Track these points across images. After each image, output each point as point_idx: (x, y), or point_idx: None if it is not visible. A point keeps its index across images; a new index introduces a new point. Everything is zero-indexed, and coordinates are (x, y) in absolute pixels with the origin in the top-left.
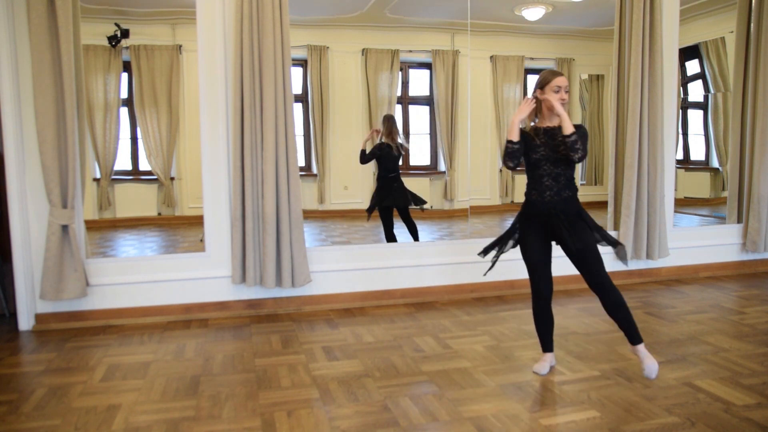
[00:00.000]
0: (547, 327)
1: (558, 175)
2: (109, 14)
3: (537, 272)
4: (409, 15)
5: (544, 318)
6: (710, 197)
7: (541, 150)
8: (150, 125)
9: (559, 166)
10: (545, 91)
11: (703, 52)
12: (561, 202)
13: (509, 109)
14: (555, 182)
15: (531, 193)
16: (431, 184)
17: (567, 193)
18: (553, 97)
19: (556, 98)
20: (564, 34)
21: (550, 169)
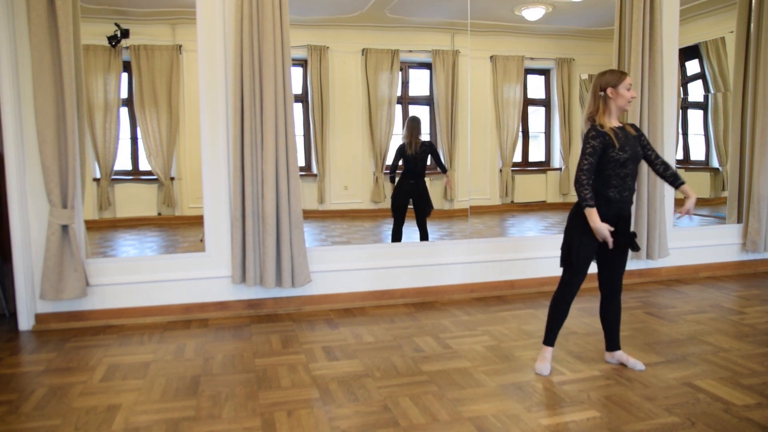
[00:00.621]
0: (562, 321)
1: (635, 175)
2: (109, 14)
3: (584, 271)
4: (409, 15)
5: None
6: (710, 197)
7: (629, 150)
8: (150, 125)
9: (637, 166)
10: (618, 90)
11: (703, 52)
12: (630, 202)
13: (509, 109)
14: (633, 182)
15: (609, 191)
16: (431, 184)
17: (632, 195)
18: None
19: (629, 96)
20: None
21: (633, 168)
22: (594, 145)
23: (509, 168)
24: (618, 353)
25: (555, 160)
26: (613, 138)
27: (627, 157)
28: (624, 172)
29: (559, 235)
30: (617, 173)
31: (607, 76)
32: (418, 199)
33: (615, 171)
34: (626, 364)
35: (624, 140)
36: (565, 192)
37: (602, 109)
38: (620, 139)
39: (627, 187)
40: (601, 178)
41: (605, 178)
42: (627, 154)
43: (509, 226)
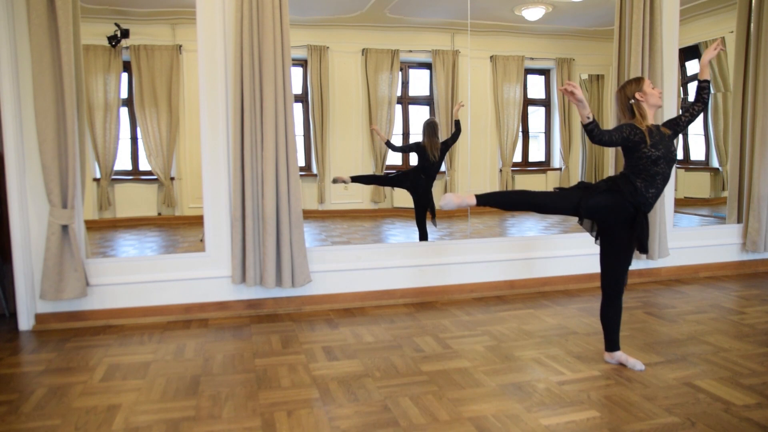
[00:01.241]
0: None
1: (666, 177)
2: (109, 14)
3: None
4: (409, 15)
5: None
6: (710, 197)
7: (662, 149)
8: (150, 125)
9: (670, 167)
10: (645, 90)
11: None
12: (653, 202)
13: (509, 109)
14: (663, 183)
15: (637, 181)
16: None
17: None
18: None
19: (657, 92)
20: (564, 34)
21: (664, 169)
22: (627, 130)
23: (509, 168)
24: (617, 354)
25: (555, 160)
26: (646, 134)
27: (659, 155)
28: (654, 170)
29: (559, 235)
30: (647, 170)
31: (627, 86)
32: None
33: (646, 167)
34: (626, 364)
35: (658, 139)
36: None
37: (637, 116)
38: (654, 137)
39: (654, 185)
40: (635, 169)
41: (638, 169)
42: (659, 152)
43: (509, 226)
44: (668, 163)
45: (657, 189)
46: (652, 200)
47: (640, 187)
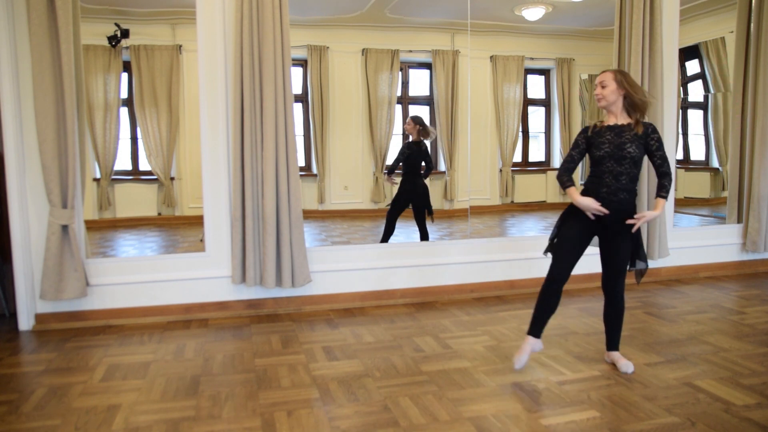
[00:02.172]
0: (547, 311)
1: (620, 174)
2: (109, 14)
3: (563, 252)
4: (409, 15)
5: (552, 300)
6: (710, 197)
7: (606, 147)
8: (150, 125)
9: (623, 165)
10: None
11: (703, 52)
12: (616, 202)
13: (509, 109)
14: (615, 181)
15: (589, 185)
16: (431, 184)
17: (623, 195)
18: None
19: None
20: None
21: (612, 166)
22: (576, 138)
23: (509, 168)
24: (612, 354)
25: (555, 160)
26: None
27: (602, 155)
28: (599, 170)
29: None
30: (595, 170)
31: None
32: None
33: (593, 167)
34: (616, 364)
35: (610, 137)
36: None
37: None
38: (601, 136)
39: (604, 184)
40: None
41: (590, 171)
42: (602, 151)
43: (509, 226)
44: (618, 161)
45: (610, 188)
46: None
47: (591, 190)
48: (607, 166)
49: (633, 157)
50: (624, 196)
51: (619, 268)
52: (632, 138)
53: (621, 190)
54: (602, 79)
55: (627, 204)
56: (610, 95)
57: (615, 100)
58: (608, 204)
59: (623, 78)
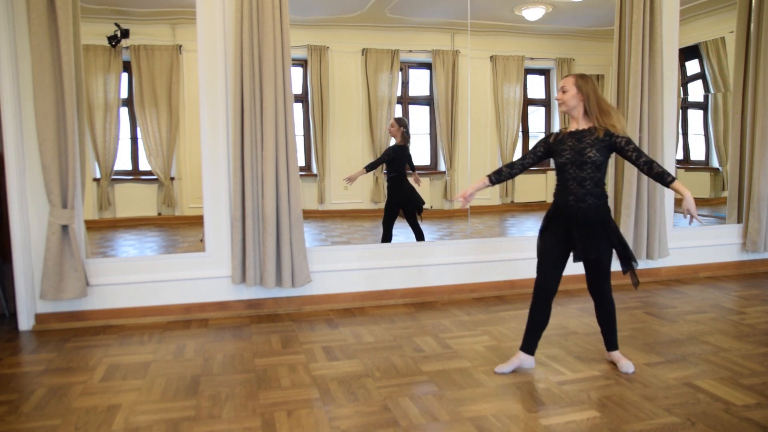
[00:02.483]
0: (538, 327)
1: (583, 180)
2: (109, 14)
3: (546, 267)
4: (409, 15)
5: (540, 317)
6: (710, 197)
7: (567, 154)
8: (150, 125)
9: (585, 170)
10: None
11: (703, 52)
12: (584, 208)
13: (509, 109)
14: (580, 187)
15: (557, 195)
16: (431, 184)
17: (591, 200)
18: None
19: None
20: (564, 34)
21: (575, 173)
22: (536, 144)
23: None
24: (612, 354)
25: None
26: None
27: (563, 162)
28: (564, 177)
29: None
30: (559, 177)
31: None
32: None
33: (557, 174)
34: (617, 364)
35: (571, 144)
36: None
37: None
38: (563, 143)
39: (570, 192)
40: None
41: (556, 179)
42: (563, 158)
43: (509, 226)
44: (580, 166)
45: (576, 194)
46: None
47: (559, 201)
48: (569, 173)
49: (594, 162)
50: (592, 201)
51: (603, 272)
52: (593, 142)
53: (588, 195)
54: (563, 84)
55: (597, 209)
56: (570, 100)
57: (575, 105)
58: (577, 211)
59: (584, 83)
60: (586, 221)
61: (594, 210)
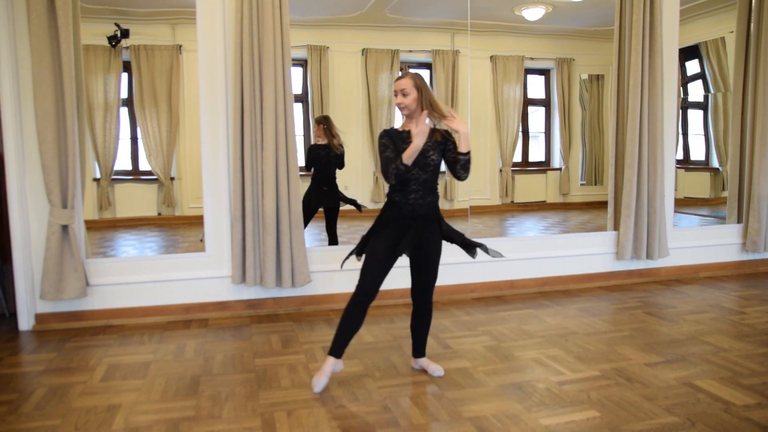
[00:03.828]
0: (351, 331)
1: (425, 181)
2: (109, 14)
3: (372, 270)
4: (409, 15)
5: (355, 320)
6: (710, 197)
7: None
8: (150, 125)
9: (427, 172)
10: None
11: (703, 52)
12: (425, 206)
13: (509, 109)
14: (421, 187)
15: (394, 195)
16: None
17: (430, 198)
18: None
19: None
20: (564, 34)
21: (417, 174)
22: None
23: (509, 168)
24: (420, 360)
25: (555, 160)
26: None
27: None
28: (405, 177)
29: (559, 235)
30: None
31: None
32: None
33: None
34: (427, 369)
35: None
36: (565, 192)
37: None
38: (404, 142)
39: (412, 191)
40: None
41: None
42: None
43: (509, 226)
44: (423, 168)
45: (417, 194)
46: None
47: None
48: (412, 174)
49: (435, 165)
50: (431, 199)
51: (431, 276)
52: (433, 145)
53: (428, 194)
54: (402, 87)
55: (435, 207)
56: (411, 103)
57: (417, 107)
58: (419, 209)
59: (422, 83)
60: (426, 219)
61: (432, 208)
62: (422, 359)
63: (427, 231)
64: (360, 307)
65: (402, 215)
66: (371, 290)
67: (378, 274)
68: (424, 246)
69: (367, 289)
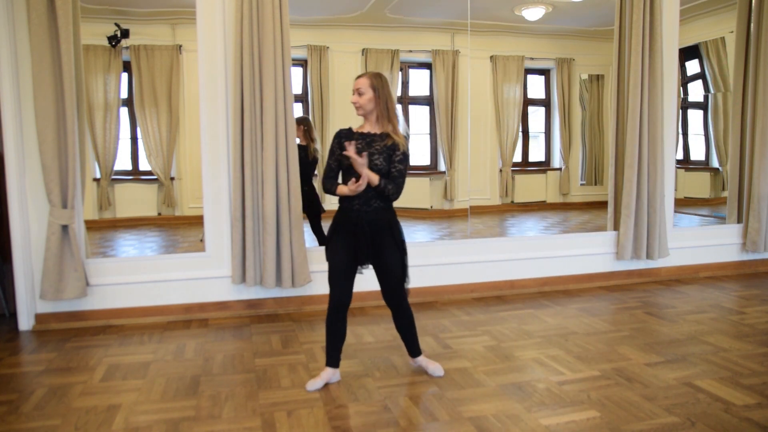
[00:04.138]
0: (338, 340)
1: (369, 187)
2: (109, 14)
3: (338, 280)
4: (409, 15)
5: (338, 328)
6: (710, 197)
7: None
8: (150, 125)
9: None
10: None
11: (703, 52)
12: (370, 212)
13: (509, 109)
14: (364, 193)
15: (343, 200)
16: (431, 184)
17: (377, 204)
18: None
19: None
20: (564, 34)
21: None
22: (331, 146)
23: (509, 168)
24: (417, 359)
25: (555, 160)
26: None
27: (350, 165)
28: (348, 179)
29: (559, 235)
30: (344, 181)
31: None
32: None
33: (343, 177)
34: (426, 369)
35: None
36: (565, 192)
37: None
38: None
39: (356, 196)
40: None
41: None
42: (349, 161)
43: (509, 226)
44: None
45: (361, 199)
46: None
47: (345, 206)
48: (356, 177)
49: (380, 170)
50: (378, 204)
51: (396, 279)
52: (381, 149)
53: (373, 199)
54: (359, 86)
55: (383, 212)
56: (367, 104)
57: (372, 108)
58: (365, 215)
59: (380, 84)
60: (372, 226)
61: (381, 213)
62: (419, 358)
63: (378, 238)
64: (338, 315)
65: (350, 221)
66: (343, 297)
67: (345, 281)
68: (379, 255)
69: (338, 298)
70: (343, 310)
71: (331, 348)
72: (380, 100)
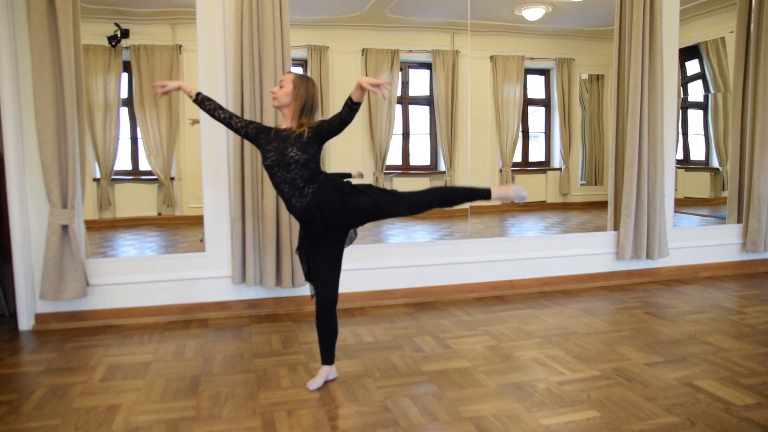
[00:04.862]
0: (330, 337)
1: (294, 180)
2: (109, 14)
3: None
4: (409, 15)
5: (329, 326)
6: (710, 197)
7: (272, 156)
8: (150, 125)
9: (291, 170)
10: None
11: (703, 52)
12: (311, 199)
13: (509, 109)
14: (293, 187)
15: (284, 203)
16: (431, 184)
17: (310, 189)
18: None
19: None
20: (564, 34)
21: (283, 175)
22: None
23: (509, 168)
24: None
25: (555, 160)
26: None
27: (269, 165)
28: (275, 182)
29: (559, 235)
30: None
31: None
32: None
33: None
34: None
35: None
36: (565, 192)
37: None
38: (269, 143)
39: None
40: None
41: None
42: (268, 161)
43: (509, 226)
44: (285, 168)
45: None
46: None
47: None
48: (278, 176)
49: (298, 160)
50: (312, 189)
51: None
52: (294, 141)
53: (305, 187)
54: (282, 79)
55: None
56: (282, 97)
57: (288, 102)
58: (307, 209)
59: (302, 85)
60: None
61: (321, 196)
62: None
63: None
64: (327, 314)
65: (300, 218)
66: (329, 295)
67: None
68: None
69: (323, 297)
70: (330, 308)
71: (324, 346)
72: (296, 99)
